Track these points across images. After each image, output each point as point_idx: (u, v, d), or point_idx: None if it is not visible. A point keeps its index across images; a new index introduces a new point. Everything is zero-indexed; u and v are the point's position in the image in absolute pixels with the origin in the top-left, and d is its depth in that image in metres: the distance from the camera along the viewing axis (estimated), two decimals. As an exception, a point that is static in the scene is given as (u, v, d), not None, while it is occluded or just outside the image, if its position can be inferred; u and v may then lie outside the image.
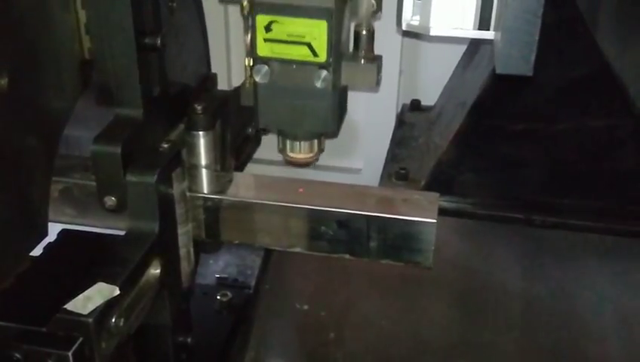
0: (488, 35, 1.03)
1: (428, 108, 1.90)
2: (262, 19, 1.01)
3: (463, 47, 1.79)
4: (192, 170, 1.13)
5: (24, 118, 0.96)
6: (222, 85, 1.43)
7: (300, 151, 1.13)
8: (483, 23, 1.02)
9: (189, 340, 1.19)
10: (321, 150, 1.15)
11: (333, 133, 1.13)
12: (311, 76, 1.02)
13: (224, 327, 1.34)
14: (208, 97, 1.18)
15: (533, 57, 0.93)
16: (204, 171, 1.14)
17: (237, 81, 1.80)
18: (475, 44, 1.74)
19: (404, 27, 1.06)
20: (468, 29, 1.03)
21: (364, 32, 1.06)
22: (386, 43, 1.14)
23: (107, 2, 0.99)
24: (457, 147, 1.60)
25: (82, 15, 1.04)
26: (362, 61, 1.06)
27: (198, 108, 1.11)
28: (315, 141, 1.13)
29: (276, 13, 1.00)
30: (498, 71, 0.96)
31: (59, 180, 1.12)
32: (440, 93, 1.87)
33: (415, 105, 1.94)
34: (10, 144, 0.93)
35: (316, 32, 1.00)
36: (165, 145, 1.06)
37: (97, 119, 1.07)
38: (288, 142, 1.13)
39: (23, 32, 0.94)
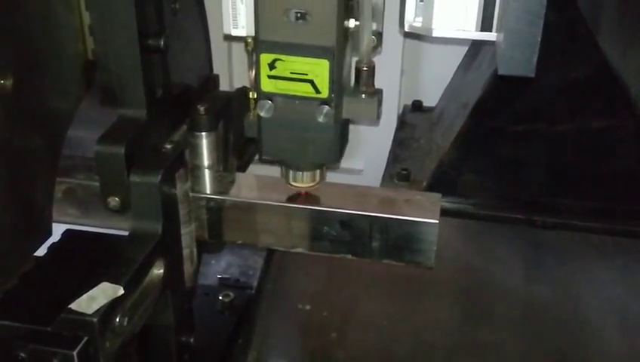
0: (491, 36, 1.03)
1: (429, 109, 1.90)
2: (266, 58, 1.02)
3: (465, 49, 1.80)
4: (195, 171, 1.13)
5: (28, 119, 0.96)
6: (223, 86, 1.43)
7: (303, 181, 1.13)
8: (485, 24, 1.02)
9: (191, 340, 1.19)
10: (323, 179, 1.15)
11: (335, 163, 1.13)
12: (313, 111, 1.04)
13: (226, 327, 1.34)
14: (211, 98, 1.18)
15: (535, 58, 0.93)
16: (206, 172, 1.14)
17: (239, 82, 1.81)
18: (476, 46, 1.74)
19: (406, 28, 1.07)
20: (470, 31, 1.03)
21: (364, 68, 1.06)
22: (388, 44, 1.14)
23: (111, 4, 0.99)
24: (459, 148, 1.60)
25: (86, 16, 1.04)
26: (363, 96, 1.07)
27: (201, 109, 1.11)
28: (318, 171, 1.14)
29: (280, 52, 1.01)
30: (500, 72, 0.96)
31: (63, 181, 1.12)
32: (441, 94, 1.87)
33: (417, 106, 1.94)
34: (14, 144, 0.93)
35: (318, 69, 1.01)
36: (168, 146, 1.07)
37: (101, 120, 1.07)
38: (291, 172, 1.13)
39: (27, 33, 0.95)
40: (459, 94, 1.74)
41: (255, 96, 1.07)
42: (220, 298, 1.38)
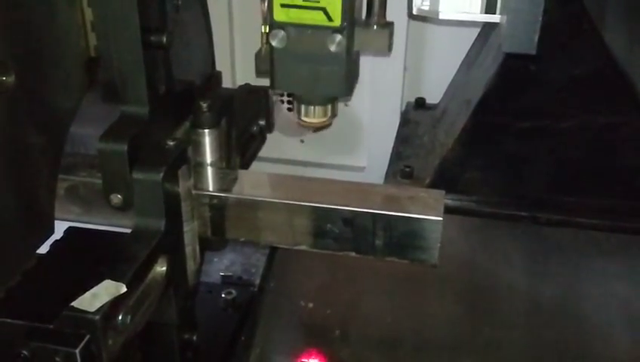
0: (495, 18, 1.07)
1: (432, 107, 1.90)
2: None
3: (468, 45, 1.79)
4: (198, 168, 1.12)
5: (31, 116, 0.96)
6: (226, 83, 1.43)
7: (314, 115, 1.16)
8: (490, 7, 1.07)
9: (194, 338, 1.19)
10: (334, 114, 1.18)
11: (346, 96, 1.19)
12: (325, 40, 1.05)
13: (229, 325, 1.34)
14: (213, 95, 1.18)
15: (536, 37, 0.98)
16: (209, 169, 1.14)
17: (241, 79, 1.81)
18: (480, 42, 1.74)
19: (414, 11, 1.12)
20: (475, 13, 1.08)
21: None
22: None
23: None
24: (462, 145, 1.60)
25: (88, 12, 1.04)
26: (375, 27, 1.09)
27: (204, 105, 1.11)
28: (329, 106, 1.16)
29: None
30: (504, 49, 1.02)
31: (65, 178, 1.12)
32: (445, 91, 1.87)
33: (420, 103, 1.94)
34: (16, 141, 0.93)
35: None
36: (171, 143, 1.06)
37: (103, 117, 1.07)
38: (303, 107, 1.16)
39: (29, 29, 0.94)
40: (462, 91, 1.74)
41: (267, 29, 1.09)
42: (223, 295, 1.38)
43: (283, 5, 1.05)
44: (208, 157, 1.13)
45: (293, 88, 1.15)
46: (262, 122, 1.41)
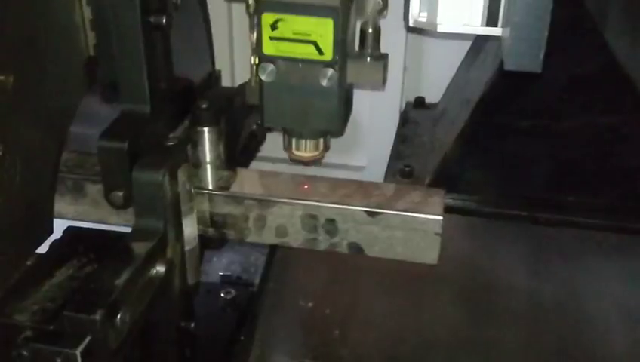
0: (496, 31, 1.02)
1: (432, 106, 1.90)
2: (268, 18, 1.00)
3: (468, 44, 1.79)
4: (197, 166, 1.12)
5: (30, 115, 0.96)
6: (225, 82, 1.43)
7: (306, 149, 1.13)
8: (491, 20, 1.01)
9: (193, 337, 1.19)
10: (326, 148, 1.14)
11: (339, 132, 1.12)
12: (317, 74, 1.02)
13: (228, 325, 1.34)
14: (213, 94, 1.18)
15: (542, 54, 0.93)
16: (209, 167, 1.14)
17: (240, 78, 1.80)
18: (479, 41, 1.74)
19: (411, 23, 1.06)
20: (476, 26, 1.03)
21: (370, 31, 1.05)
22: (391, 40, 1.14)
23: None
24: (462, 144, 1.60)
25: (87, 12, 1.04)
26: (368, 59, 1.06)
27: (203, 104, 1.11)
28: (321, 139, 1.13)
29: (282, 11, 1.00)
30: (507, 67, 0.95)
31: (65, 177, 1.12)
32: (444, 91, 1.87)
33: (419, 103, 1.93)
34: (16, 141, 0.93)
35: (322, 30, 0.99)
36: (171, 142, 1.06)
37: (103, 116, 1.07)
38: (294, 141, 1.12)
39: (28, 29, 0.94)
40: (462, 90, 1.74)
41: (256, 61, 1.05)
42: (222, 295, 1.38)
43: (272, 38, 1.01)
44: (207, 156, 1.13)
45: (283, 123, 1.11)
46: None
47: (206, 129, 1.11)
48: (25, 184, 0.95)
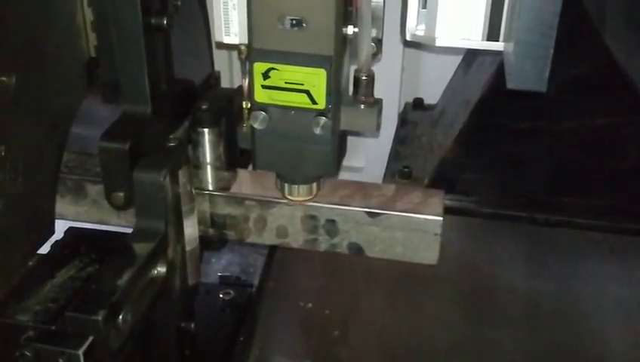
0: (498, 46, 0.97)
1: (431, 107, 1.90)
2: (260, 67, 0.98)
3: (466, 46, 1.79)
4: (198, 167, 1.13)
5: (31, 116, 0.96)
6: (224, 83, 1.43)
7: (299, 194, 1.10)
8: (492, 34, 0.97)
9: (193, 337, 1.19)
10: (320, 190, 1.12)
11: (333, 175, 1.09)
12: (309, 122, 1.00)
13: (227, 325, 1.34)
14: (213, 95, 1.18)
15: (547, 72, 0.88)
16: (209, 168, 1.14)
17: (239, 79, 1.80)
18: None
19: (408, 37, 1.01)
20: (476, 40, 0.98)
21: (364, 77, 1.03)
22: (389, 40, 1.13)
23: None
24: (461, 145, 1.60)
25: (88, 13, 1.04)
26: (362, 106, 1.04)
27: (203, 105, 1.11)
28: (314, 184, 1.11)
29: (274, 60, 0.97)
30: (509, 86, 0.91)
31: (66, 177, 1.12)
32: (443, 92, 1.87)
33: (417, 104, 1.94)
34: (17, 142, 0.93)
35: (315, 79, 0.97)
36: (172, 143, 1.06)
37: (103, 117, 1.07)
38: (287, 186, 1.10)
39: (29, 31, 0.94)
40: (460, 92, 1.74)
41: (248, 106, 1.04)
42: (221, 296, 1.38)
43: (264, 87, 0.98)
44: (208, 157, 1.13)
45: (276, 168, 1.08)
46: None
47: (206, 130, 1.11)
48: (27, 185, 0.95)
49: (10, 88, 0.89)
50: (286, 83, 0.98)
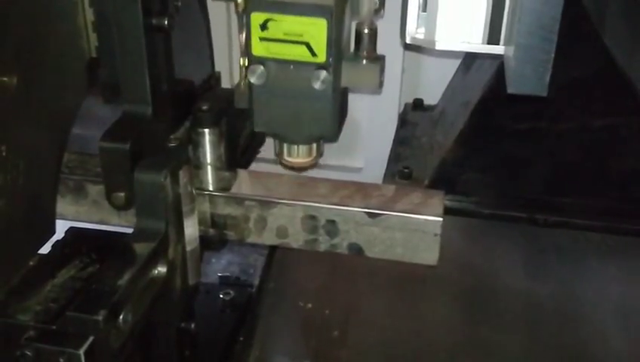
0: (498, 49, 0.97)
1: (430, 108, 1.90)
2: (257, 17, 0.96)
3: (467, 46, 1.79)
4: (198, 167, 1.13)
5: (32, 116, 0.96)
6: (225, 84, 1.43)
7: (298, 155, 1.09)
8: (492, 37, 0.96)
9: (193, 337, 1.19)
10: (320, 154, 1.11)
11: (333, 138, 1.07)
12: (309, 77, 0.97)
13: (227, 326, 1.34)
14: (213, 95, 1.18)
15: (548, 76, 0.88)
16: (209, 168, 1.14)
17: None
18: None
19: (408, 40, 1.00)
20: (476, 43, 0.97)
21: (365, 31, 1.00)
22: (389, 41, 1.12)
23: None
24: (461, 146, 1.60)
25: (89, 13, 1.04)
26: (364, 61, 1.01)
27: (204, 106, 1.11)
28: (314, 145, 1.09)
29: (273, 10, 0.95)
30: (510, 90, 0.90)
31: (66, 178, 1.12)
32: (443, 93, 1.87)
33: (417, 105, 1.94)
34: (18, 142, 0.93)
35: (315, 30, 0.95)
36: (173, 143, 1.07)
37: (104, 117, 1.08)
38: (285, 146, 1.08)
39: (31, 31, 0.94)
40: (460, 92, 1.74)
41: (246, 63, 1.01)
42: (221, 296, 1.38)
43: (262, 39, 0.96)
44: (208, 157, 1.13)
45: (274, 128, 1.05)
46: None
47: (207, 130, 1.12)
48: (27, 184, 0.95)
49: (11, 88, 0.90)
50: (285, 34, 0.96)
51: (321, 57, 0.97)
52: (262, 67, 0.99)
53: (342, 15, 0.97)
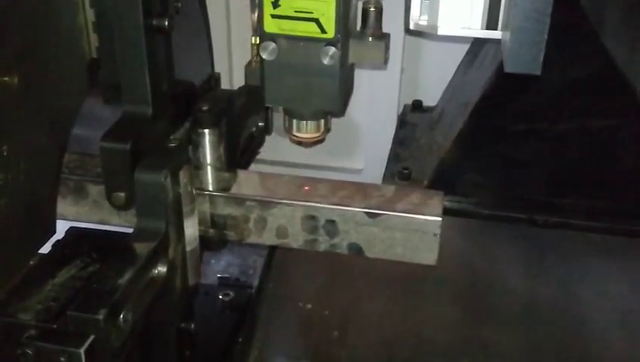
0: (496, 34, 1.03)
1: (430, 109, 1.91)
2: None
3: (465, 47, 1.80)
4: (198, 168, 1.13)
5: (33, 116, 0.96)
6: (224, 85, 1.43)
7: (307, 130, 1.14)
8: (491, 23, 1.02)
9: (193, 338, 1.19)
10: (327, 129, 1.15)
11: (340, 112, 1.12)
12: (318, 53, 1.02)
13: (227, 326, 1.34)
14: (213, 96, 1.18)
15: (541, 56, 0.94)
16: (209, 169, 1.14)
17: (239, 81, 1.81)
18: (477, 44, 1.75)
19: (411, 27, 1.07)
20: (476, 29, 1.04)
21: (372, 9, 1.06)
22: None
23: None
24: (460, 147, 1.60)
25: (90, 14, 1.05)
26: (370, 39, 1.06)
27: (204, 106, 1.11)
28: (322, 120, 1.13)
29: None
30: (507, 70, 0.96)
31: (67, 178, 1.12)
32: (442, 94, 1.87)
33: (417, 106, 1.94)
34: (19, 142, 0.93)
35: (324, 7, 1.00)
36: (173, 143, 1.07)
37: (105, 118, 1.08)
38: (295, 122, 1.13)
39: (32, 31, 0.94)
40: (460, 93, 1.74)
41: (257, 41, 1.06)
42: (220, 297, 1.38)
43: (274, 16, 1.01)
44: (208, 158, 1.13)
45: (285, 103, 1.11)
46: (261, 123, 1.42)
47: (207, 131, 1.12)
48: (28, 184, 0.95)
49: (12, 88, 0.90)
50: (295, 12, 1.01)
51: (330, 33, 1.02)
52: (273, 44, 1.04)
53: None
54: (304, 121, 1.12)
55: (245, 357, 1.31)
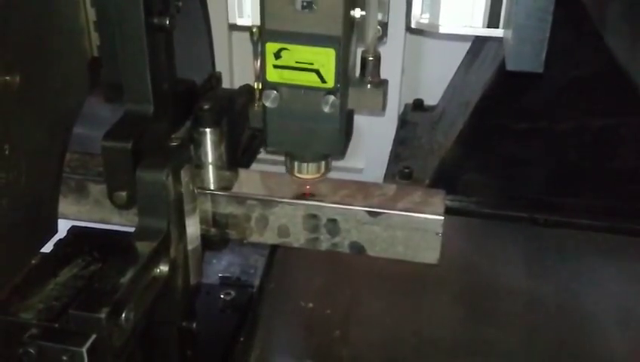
0: (498, 32, 1.03)
1: (431, 108, 1.90)
2: (271, 47, 1.02)
3: (466, 46, 1.80)
4: (199, 167, 1.13)
5: (35, 115, 0.96)
6: (225, 84, 1.44)
7: (308, 172, 1.14)
8: (492, 21, 1.03)
9: (194, 337, 1.19)
10: (328, 170, 1.16)
11: (341, 155, 1.14)
12: (319, 101, 1.04)
13: (228, 326, 1.34)
14: (214, 95, 1.19)
15: (544, 54, 0.94)
16: (210, 168, 1.15)
17: (239, 80, 1.81)
18: (478, 44, 1.75)
19: (413, 25, 1.07)
20: (477, 27, 1.04)
21: (370, 58, 1.07)
22: (389, 42, 1.14)
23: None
24: (461, 146, 1.60)
25: (91, 13, 1.05)
26: (369, 86, 1.08)
27: (205, 105, 1.11)
28: (323, 162, 1.14)
29: (286, 41, 1.02)
30: (509, 67, 0.96)
31: (68, 177, 1.12)
32: (443, 93, 1.87)
33: (418, 105, 1.94)
34: (21, 141, 0.93)
35: (324, 59, 1.02)
36: (174, 142, 1.07)
37: (106, 117, 1.08)
38: (296, 164, 1.14)
39: (33, 30, 0.95)
40: (461, 93, 1.74)
41: (260, 86, 1.07)
42: (222, 296, 1.38)
43: (276, 66, 1.03)
44: (209, 157, 1.14)
45: (286, 147, 1.12)
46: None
47: (208, 130, 1.13)
48: (30, 183, 0.95)
49: (13, 87, 0.90)
50: (297, 62, 1.03)
51: (330, 83, 1.03)
52: (275, 92, 1.05)
53: (349, 44, 1.04)
54: (305, 163, 1.14)
55: (247, 356, 1.30)
